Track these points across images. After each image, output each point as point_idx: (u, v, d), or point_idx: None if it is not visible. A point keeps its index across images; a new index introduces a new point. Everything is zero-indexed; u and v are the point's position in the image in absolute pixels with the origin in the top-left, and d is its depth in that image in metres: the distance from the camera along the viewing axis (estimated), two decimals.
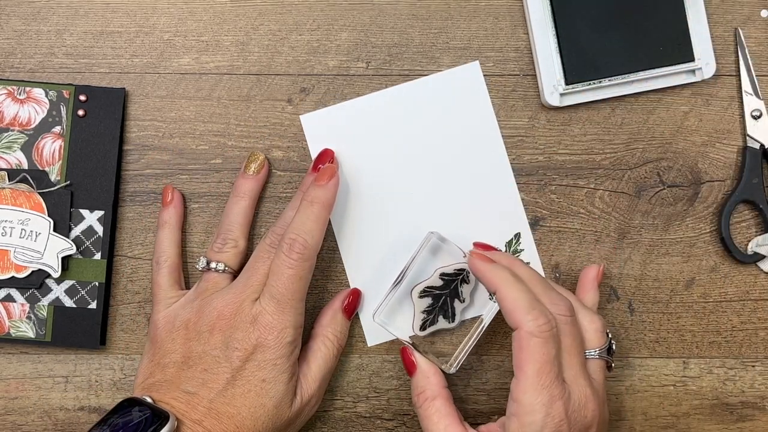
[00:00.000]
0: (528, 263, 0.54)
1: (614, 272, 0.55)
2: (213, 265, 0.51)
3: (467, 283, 0.52)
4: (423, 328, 0.51)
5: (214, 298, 0.49)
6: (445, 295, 0.51)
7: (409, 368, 0.51)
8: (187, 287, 0.54)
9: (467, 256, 0.49)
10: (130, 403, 0.45)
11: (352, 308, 0.53)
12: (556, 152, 0.55)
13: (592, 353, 0.48)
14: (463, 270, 0.51)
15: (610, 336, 0.49)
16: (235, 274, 0.52)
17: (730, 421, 0.55)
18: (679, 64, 0.54)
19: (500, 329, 0.55)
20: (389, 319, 0.51)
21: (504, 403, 0.54)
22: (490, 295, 0.49)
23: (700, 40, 0.54)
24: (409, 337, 0.51)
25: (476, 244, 0.51)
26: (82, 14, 0.55)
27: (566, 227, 0.55)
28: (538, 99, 0.55)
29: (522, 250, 0.55)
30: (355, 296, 0.54)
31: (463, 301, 0.52)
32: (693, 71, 0.54)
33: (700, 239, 0.55)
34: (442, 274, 0.51)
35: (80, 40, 0.55)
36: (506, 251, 0.54)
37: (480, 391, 0.55)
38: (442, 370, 0.51)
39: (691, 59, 0.54)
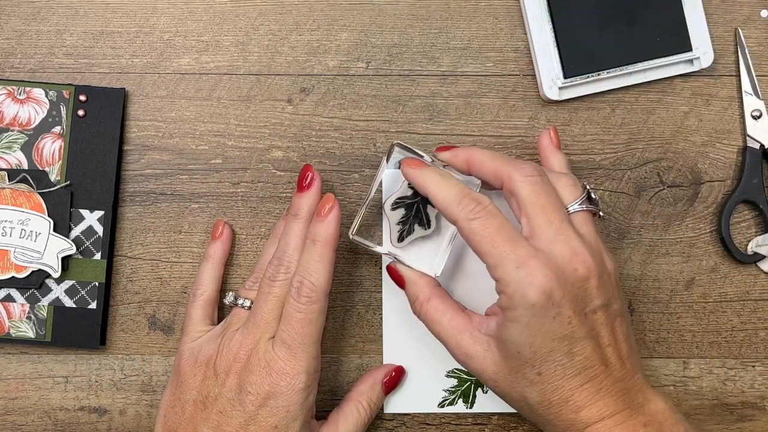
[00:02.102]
0: None
1: None
2: (240, 301, 0.51)
3: None
4: (401, 239, 0.51)
5: (233, 337, 0.49)
6: (417, 203, 0.50)
7: (399, 282, 0.51)
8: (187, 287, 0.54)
9: (425, 158, 0.50)
10: None
11: (391, 385, 0.53)
12: None
13: (573, 206, 0.47)
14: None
15: (588, 187, 0.48)
16: None
17: (730, 421, 0.55)
18: (676, 54, 0.54)
19: None
20: (365, 237, 0.52)
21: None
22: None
23: (697, 29, 0.54)
24: (390, 252, 0.51)
25: (438, 149, 0.51)
26: (82, 14, 0.55)
27: None
28: (538, 99, 0.55)
29: None
30: (398, 375, 0.53)
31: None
32: (691, 61, 0.54)
33: (700, 239, 0.55)
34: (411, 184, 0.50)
35: (80, 40, 0.55)
36: None
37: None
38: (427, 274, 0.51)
39: (689, 49, 0.54)
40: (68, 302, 0.53)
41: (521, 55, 0.55)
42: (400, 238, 0.51)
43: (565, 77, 0.53)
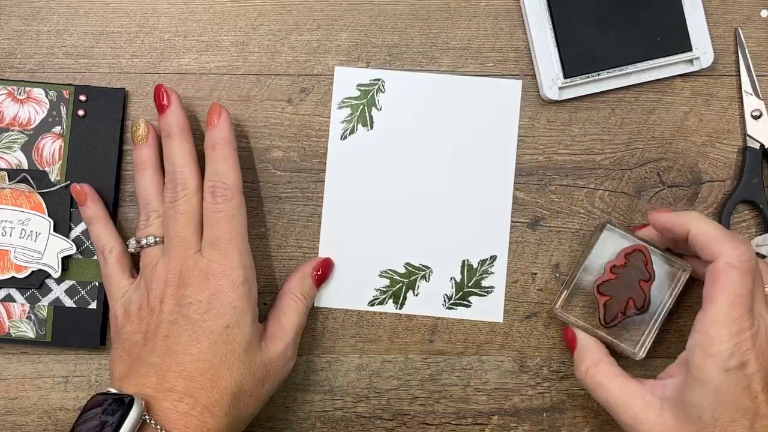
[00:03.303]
0: (492, 288, 0.55)
1: None
2: (143, 241, 0.50)
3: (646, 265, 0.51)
4: (610, 322, 0.51)
5: (155, 270, 0.49)
6: (629, 281, 0.50)
7: (571, 343, 0.52)
8: None
9: (647, 221, 0.51)
10: (94, 402, 0.44)
11: (322, 279, 0.53)
12: (556, 152, 0.55)
13: None
14: (631, 257, 0.50)
15: None
16: None
17: None
18: (676, 54, 0.54)
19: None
20: (567, 311, 0.53)
21: (503, 402, 0.54)
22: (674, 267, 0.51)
23: (697, 29, 0.54)
24: (594, 326, 0.52)
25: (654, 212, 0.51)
26: (82, 14, 0.55)
27: (566, 227, 0.55)
28: (538, 99, 0.55)
29: (492, 273, 0.55)
30: (326, 267, 0.54)
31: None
32: (691, 61, 0.54)
33: None
34: (614, 267, 0.51)
35: (80, 40, 0.55)
36: (477, 268, 0.55)
37: (480, 391, 0.55)
38: (628, 356, 0.51)
39: (689, 49, 0.54)
40: (68, 302, 0.53)
41: (521, 55, 0.55)
42: (610, 321, 0.51)
43: (565, 77, 0.53)
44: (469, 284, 0.55)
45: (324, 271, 0.53)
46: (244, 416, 0.48)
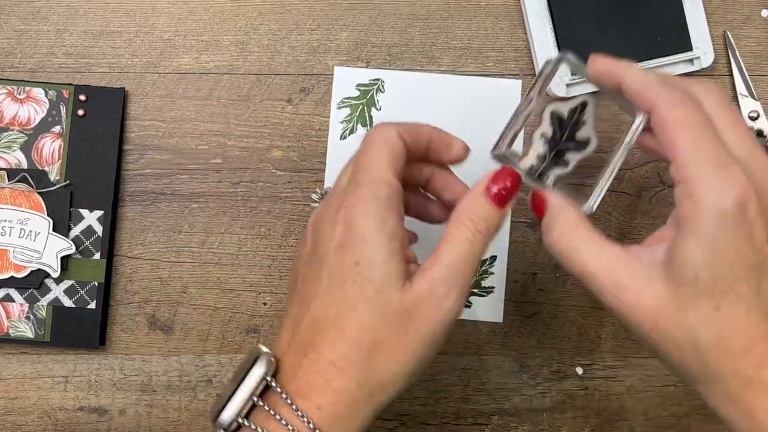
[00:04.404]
0: (492, 288, 0.55)
1: None
2: None
3: (584, 125, 0.42)
4: (539, 176, 0.42)
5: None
6: (560, 144, 0.42)
7: (539, 208, 0.41)
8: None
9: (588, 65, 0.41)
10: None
11: (501, 197, 0.41)
12: None
13: None
14: (577, 108, 0.42)
15: None
16: None
17: None
18: (676, 53, 0.54)
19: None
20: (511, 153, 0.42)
21: (503, 402, 0.54)
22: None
23: (697, 29, 0.54)
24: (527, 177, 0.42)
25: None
26: (82, 14, 0.55)
27: None
28: None
29: (492, 274, 0.55)
30: (506, 179, 0.41)
31: (581, 150, 0.42)
32: (691, 60, 0.54)
33: None
34: (556, 115, 0.42)
35: (80, 40, 0.55)
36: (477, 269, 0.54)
37: (480, 391, 0.55)
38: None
39: (689, 48, 0.54)
40: (67, 302, 0.53)
41: (521, 55, 0.55)
42: (539, 175, 0.42)
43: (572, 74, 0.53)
44: None
45: (502, 186, 0.41)
46: (384, 374, 0.38)
